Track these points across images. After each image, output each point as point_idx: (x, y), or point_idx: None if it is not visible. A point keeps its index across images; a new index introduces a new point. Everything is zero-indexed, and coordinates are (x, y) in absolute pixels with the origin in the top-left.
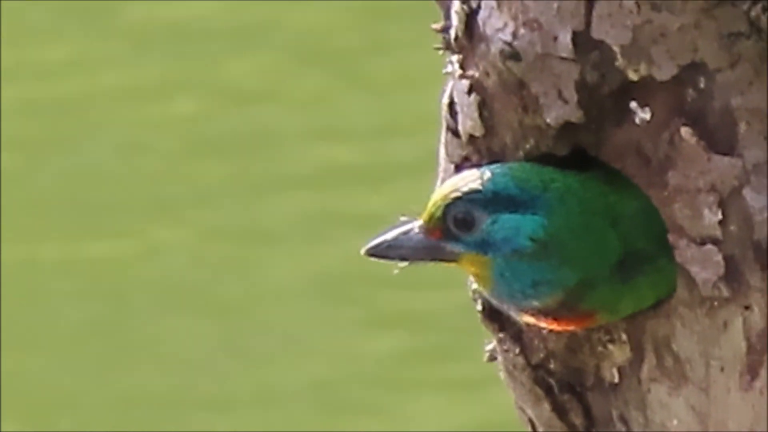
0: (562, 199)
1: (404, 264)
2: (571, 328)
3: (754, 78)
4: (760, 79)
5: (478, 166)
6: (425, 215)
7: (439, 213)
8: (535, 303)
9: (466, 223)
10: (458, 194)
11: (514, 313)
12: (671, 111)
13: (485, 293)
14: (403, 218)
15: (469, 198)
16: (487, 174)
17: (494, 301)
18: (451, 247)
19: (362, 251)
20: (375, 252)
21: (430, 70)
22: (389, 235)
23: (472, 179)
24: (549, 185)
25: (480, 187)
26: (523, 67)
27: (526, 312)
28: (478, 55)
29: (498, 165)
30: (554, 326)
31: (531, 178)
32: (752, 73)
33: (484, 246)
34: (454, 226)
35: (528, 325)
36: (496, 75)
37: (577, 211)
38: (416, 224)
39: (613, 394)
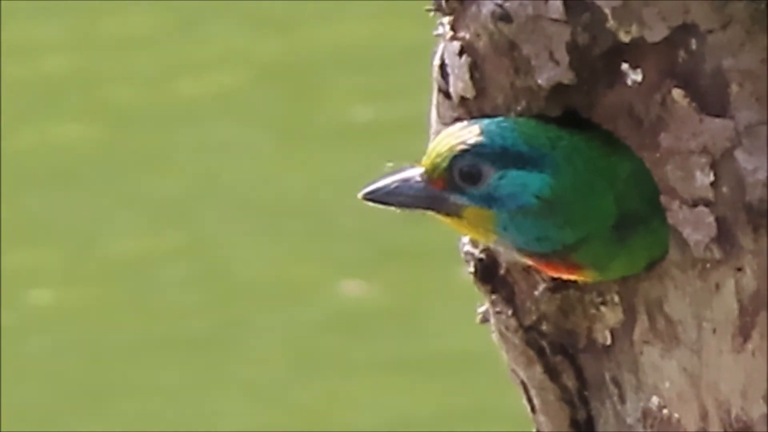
0: (569, 158)
1: (402, 210)
2: (556, 273)
3: (746, 39)
4: (751, 41)
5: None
6: (428, 164)
7: (445, 164)
8: (535, 251)
9: (472, 177)
10: (466, 147)
11: (508, 253)
12: (663, 73)
13: (483, 242)
14: (390, 165)
15: (477, 151)
16: (494, 127)
17: (491, 246)
18: (455, 198)
19: (359, 195)
20: (374, 197)
21: None
22: (388, 180)
23: (478, 132)
24: (556, 143)
25: (489, 141)
26: (514, 29)
27: (522, 253)
28: (469, 16)
29: (503, 119)
30: (543, 268)
31: (539, 135)
32: (744, 34)
33: (488, 200)
34: (459, 178)
35: (517, 284)
36: (487, 37)
37: (582, 171)
38: (417, 172)
39: (605, 356)
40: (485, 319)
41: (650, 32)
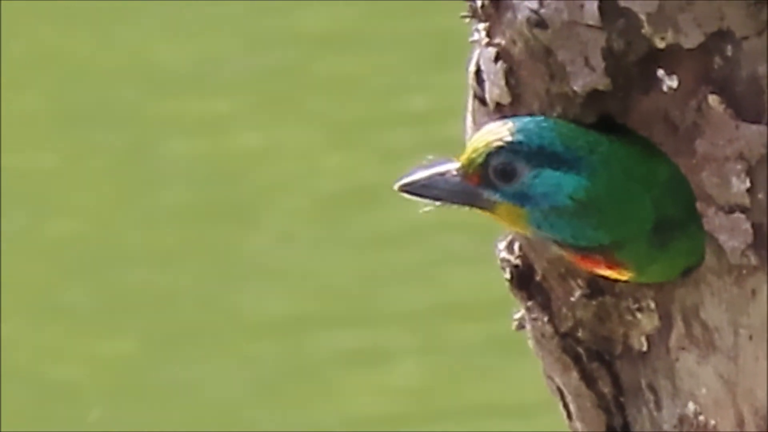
0: (607, 164)
1: (436, 204)
2: (595, 268)
3: None
4: None
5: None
6: (464, 159)
7: (480, 159)
8: (575, 245)
9: (507, 174)
10: (502, 143)
11: (547, 242)
12: (698, 79)
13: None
14: (430, 158)
15: (513, 149)
16: (533, 126)
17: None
18: (488, 194)
19: (395, 186)
20: (409, 189)
21: None
22: (425, 173)
23: (516, 129)
24: (595, 148)
25: (525, 139)
26: (550, 35)
27: (563, 247)
28: (505, 23)
29: (543, 118)
30: (581, 262)
31: (577, 138)
32: None
33: (521, 198)
34: (494, 174)
35: (553, 290)
36: (522, 43)
37: (619, 177)
38: (453, 166)
39: (641, 362)
40: (521, 326)
41: (686, 38)
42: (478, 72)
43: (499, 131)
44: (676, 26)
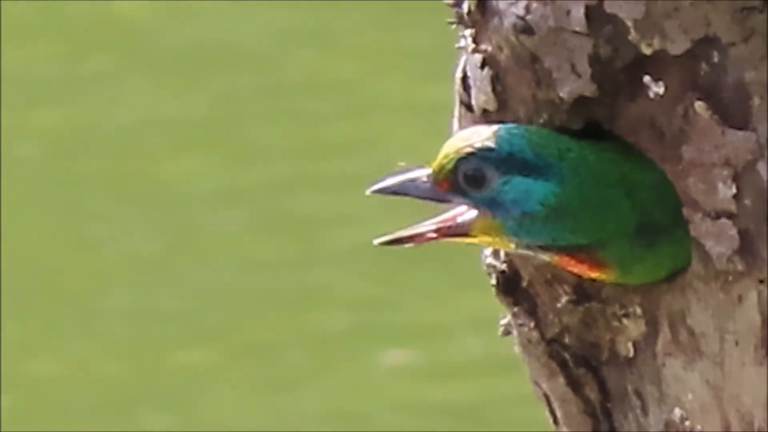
0: (576, 170)
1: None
2: (580, 270)
3: None
4: None
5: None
6: (435, 165)
7: (450, 165)
8: (559, 246)
9: (477, 180)
10: (472, 150)
11: (532, 252)
12: (685, 85)
13: (507, 250)
14: (402, 164)
15: (483, 155)
16: (503, 133)
17: (517, 253)
18: (458, 200)
19: (367, 191)
20: (381, 194)
21: None
22: (396, 179)
23: (486, 136)
24: (565, 154)
25: (495, 146)
26: (536, 41)
27: (546, 249)
28: (491, 29)
29: (515, 126)
30: (566, 263)
31: (548, 144)
32: (765, 47)
33: (491, 205)
34: (463, 180)
35: (539, 296)
36: (509, 49)
37: (590, 183)
38: (424, 173)
39: (628, 368)
40: (507, 332)
41: (672, 45)
42: (464, 78)
43: (470, 138)
44: (662, 32)
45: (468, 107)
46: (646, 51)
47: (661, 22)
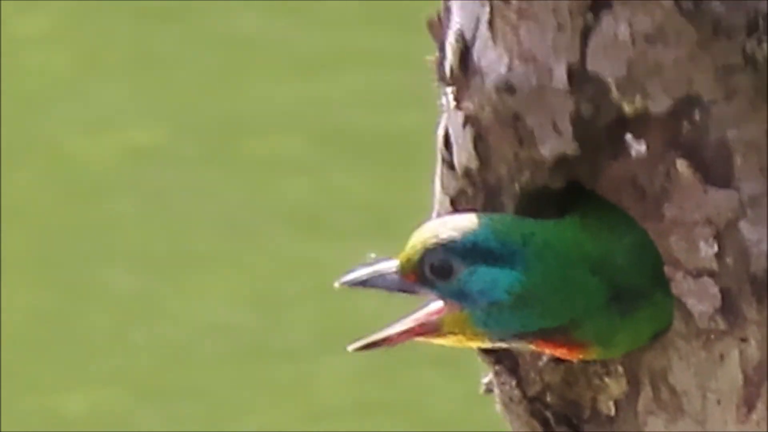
0: (540, 255)
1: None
2: (563, 354)
3: (750, 111)
4: (755, 112)
5: (470, 206)
6: (402, 257)
7: (416, 257)
8: (533, 332)
9: (443, 271)
10: (437, 241)
11: (508, 344)
12: (667, 144)
13: (483, 345)
14: (372, 256)
15: (448, 246)
16: (469, 223)
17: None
18: (425, 291)
19: (336, 284)
20: (350, 286)
21: None
22: (364, 271)
23: (452, 227)
24: (528, 240)
25: (460, 237)
26: (518, 100)
27: (520, 338)
28: (473, 87)
29: (480, 215)
30: (546, 349)
31: (511, 231)
32: (748, 105)
33: (459, 296)
34: (430, 272)
35: (521, 355)
36: (491, 108)
37: (554, 266)
38: (393, 264)
39: (609, 426)
40: (489, 390)
41: (654, 104)
42: (446, 136)
43: (436, 229)
44: (644, 92)
45: (450, 165)
46: (628, 110)
47: (643, 81)
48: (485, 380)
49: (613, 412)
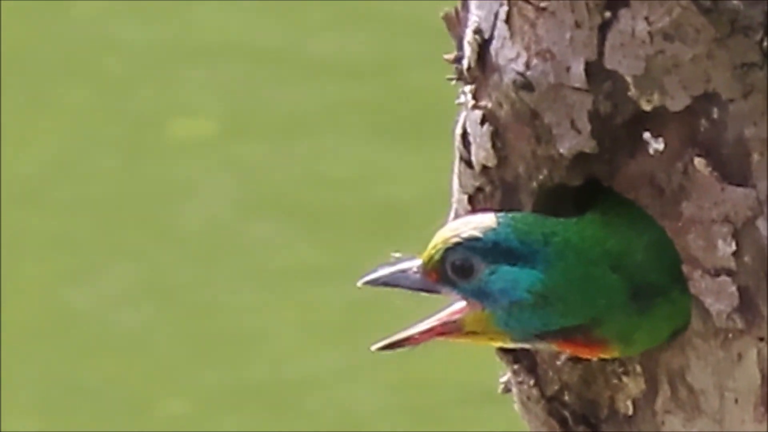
0: (561, 254)
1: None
2: (583, 353)
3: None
4: None
5: (488, 204)
6: (424, 256)
7: (438, 256)
8: (555, 331)
9: (464, 270)
10: (458, 240)
11: (529, 344)
12: (684, 141)
13: (505, 345)
14: (395, 255)
15: (469, 245)
16: (490, 222)
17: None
18: (447, 291)
19: (358, 283)
20: (372, 285)
21: None
22: (387, 271)
23: (474, 226)
24: (550, 239)
25: (481, 236)
26: (536, 98)
27: (541, 338)
28: (491, 85)
29: (502, 214)
30: (567, 349)
31: (533, 231)
32: (765, 103)
33: (480, 295)
34: (452, 271)
35: (539, 354)
36: (508, 105)
37: (574, 265)
38: (416, 263)
39: (627, 425)
40: (507, 389)
41: (672, 101)
42: (464, 134)
43: (458, 228)
44: (662, 89)
45: (468, 163)
46: (646, 107)
47: (661, 79)
48: (503, 379)
49: (631, 411)
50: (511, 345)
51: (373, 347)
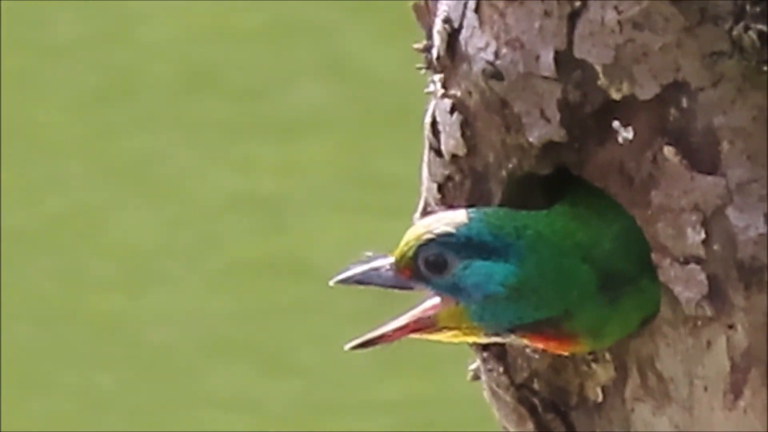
0: (533, 247)
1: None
2: (554, 348)
3: (737, 97)
4: (742, 98)
5: (458, 192)
6: (397, 253)
7: (410, 253)
8: (526, 324)
9: (438, 266)
10: (431, 236)
11: (502, 338)
12: (654, 130)
13: (479, 341)
14: (368, 254)
15: (442, 241)
16: (462, 218)
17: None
18: (420, 287)
19: (331, 282)
20: (345, 284)
21: None
22: (359, 269)
23: (446, 222)
24: (522, 233)
25: (454, 231)
26: (506, 87)
27: (514, 332)
28: (461, 74)
29: (474, 209)
30: (538, 343)
31: (505, 224)
32: (734, 92)
33: (453, 290)
34: (425, 267)
35: (512, 345)
36: (478, 94)
37: (547, 257)
38: (388, 261)
39: (596, 413)
40: (476, 377)
41: (641, 90)
42: (433, 123)
43: (430, 224)
44: (631, 78)
45: (437, 152)
46: (615, 96)
47: (630, 68)
48: (472, 367)
49: (600, 398)
50: (484, 340)
51: (347, 346)
